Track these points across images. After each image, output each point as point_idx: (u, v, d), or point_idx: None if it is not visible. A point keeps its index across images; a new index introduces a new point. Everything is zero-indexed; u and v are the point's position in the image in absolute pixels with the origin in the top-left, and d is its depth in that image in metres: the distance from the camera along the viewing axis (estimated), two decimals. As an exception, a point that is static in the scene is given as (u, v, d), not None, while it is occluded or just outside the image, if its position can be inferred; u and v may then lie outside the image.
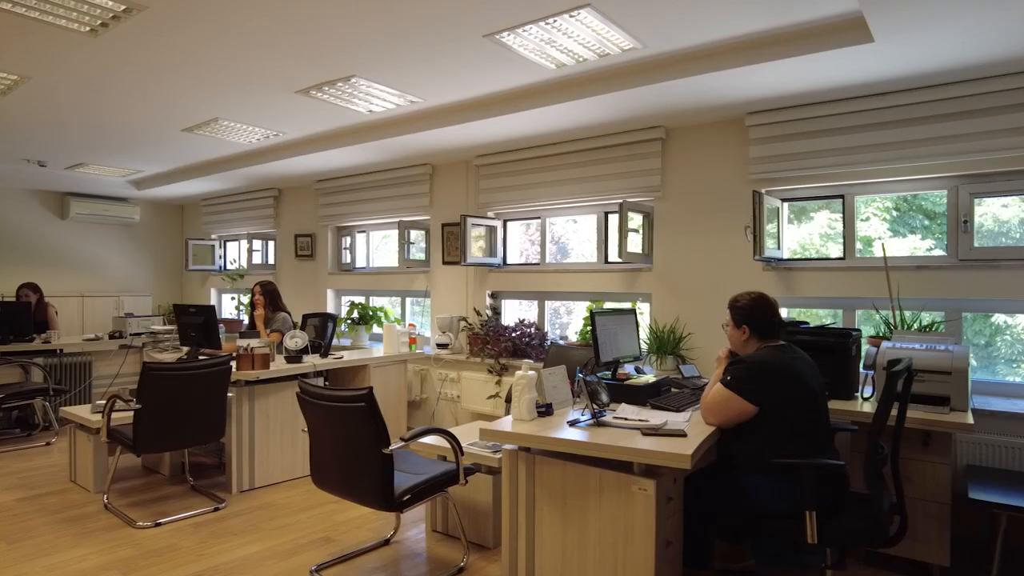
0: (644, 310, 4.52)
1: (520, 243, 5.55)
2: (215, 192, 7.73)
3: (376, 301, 6.44)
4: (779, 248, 4.07)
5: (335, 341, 5.36)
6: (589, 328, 4.41)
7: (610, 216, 4.76)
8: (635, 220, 4.39)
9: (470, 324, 5.32)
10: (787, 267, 3.99)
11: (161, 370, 3.65)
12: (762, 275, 4.01)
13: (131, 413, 3.63)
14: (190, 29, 3.17)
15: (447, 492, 3.04)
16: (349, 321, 6.10)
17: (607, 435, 2.48)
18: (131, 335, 6.32)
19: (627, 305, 4.52)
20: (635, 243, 4.40)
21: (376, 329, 6.17)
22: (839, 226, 3.95)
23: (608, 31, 3.11)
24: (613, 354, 3.24)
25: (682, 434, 2.44)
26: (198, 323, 4.59)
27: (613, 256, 4.71)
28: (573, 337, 4.88)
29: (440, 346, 5.33)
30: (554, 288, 5.01)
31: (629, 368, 3.45)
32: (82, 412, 4.27)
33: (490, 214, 5.36)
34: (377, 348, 5.76)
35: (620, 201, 4.27)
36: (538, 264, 5.23)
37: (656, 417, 2.66)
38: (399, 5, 2.89)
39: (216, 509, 3.82)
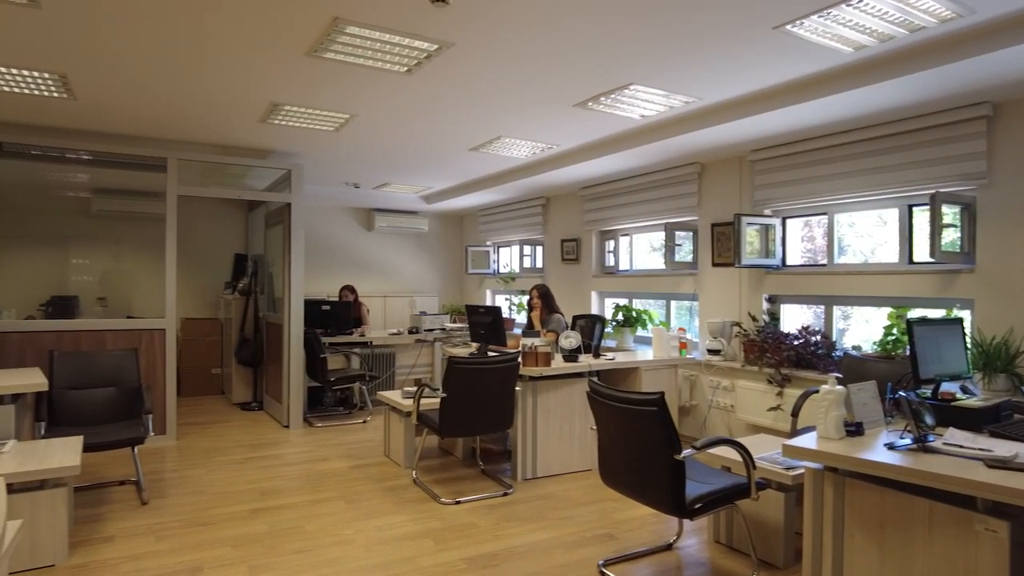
0: (962, 318, 3.88)
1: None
2: (490, 203, 8.46)
3: (638, 303, 6.48)
4: None
5: (601, 342, 5.50)
6: (891, 338, 3.96)
7: (915, 209, 4.18)
8: (950, 213, 3.80)
9: (745, 330, 5.06)
10: None
11: (464, 364, 4.09)
12: None
13: (432, 400, 4.13)
14: (485, 58, 3.50)
15: (735, 505, 2.94)
16: (614, 323, 6.22)
17: (936, 463, 2.18)
18: (426, 331, 7.20)
19: (941, 312, 3.93)
20: (951, 240, 3.81)
21: (640, 331, 6.21)
22: None
23: (926, 2, 2.74)
24: (934, 370, 2.84)
25: (1043, 470, 2.05)
26: (487, 322, 5.07)
27: (921, 255, 4.12)
28: (867, 347, 4.38)
29: (711, 352, 5.17)
30: (843, 291, 4.55)
31: (951, 387, 2.99)
32: (394, 396, 4.94)
33: (766, 212, 5.05)
34: (642, 350, 5.80)
35: (932, 192, 3.73)
36: (824, 265, 4.79)
37: (1001, 447, 2.27)
38: (682, 9, 2.86)
39: (505, 494, 4.16)
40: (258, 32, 3.20)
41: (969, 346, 3.66)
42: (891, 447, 2.35)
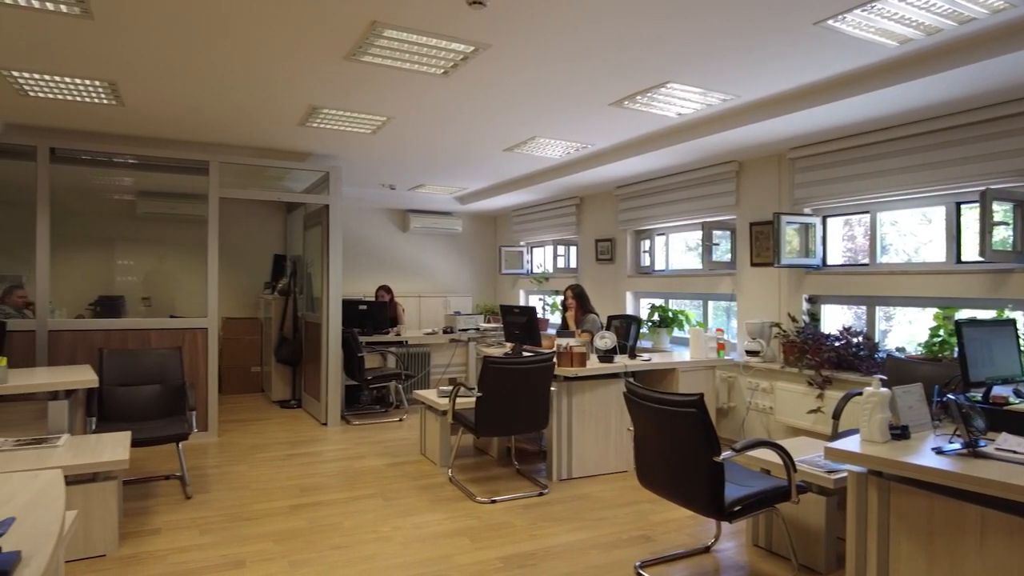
0: (1015, 319, 3.75)
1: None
2: (524, 204, 8.47)
3: (674, 303, 6.41)
4: None
5: (637, 343, 5.45)
6: (938, 339, 3.85)
7: (963, 207, 4.06)
8: (1001, 211, 3.67)
9: (784, 331, 4.97)
10: None
11: (499, 363, 4.10)
12: None
13: (468, 399, 4.15)
14: (521, 59, 3.50)
15: (775, 508, 2.89)
16: (650, 323, 6.17)
17: (988, 468, 2.11)
18: (460, 331, 7.25)
19: (991, 313, 3.81)
20: (1002, 238, 3.69)
21: (677, 332, 6.15)
22: None
23: (977, -9, 2.66)
24: (985, 373, 2.75)
25: (1102, 477, 1.98)
26: (521, 322, 5.08)
27: (970, 254, 4.00)
28: (910, 349, 4.26)
29: (750, 353, 5.09)
30: (886, 292, 4.43)
31: (1003, 390, 2.89)
32: (430, 395, 4.98)
33: (806, 210, 4.95)
34: (678, 351, 5.74)
35: (982, 189, 3.62)
36: (867, 265, 4.67)
37: (1057, 452, 2.19)
38: (721, 6, 2.82)
39: (540, 494, 4.16)
40: (298, 37, 3.26)
41: (1023, 348, 3.54)
42: (939, 451, 2.29)
